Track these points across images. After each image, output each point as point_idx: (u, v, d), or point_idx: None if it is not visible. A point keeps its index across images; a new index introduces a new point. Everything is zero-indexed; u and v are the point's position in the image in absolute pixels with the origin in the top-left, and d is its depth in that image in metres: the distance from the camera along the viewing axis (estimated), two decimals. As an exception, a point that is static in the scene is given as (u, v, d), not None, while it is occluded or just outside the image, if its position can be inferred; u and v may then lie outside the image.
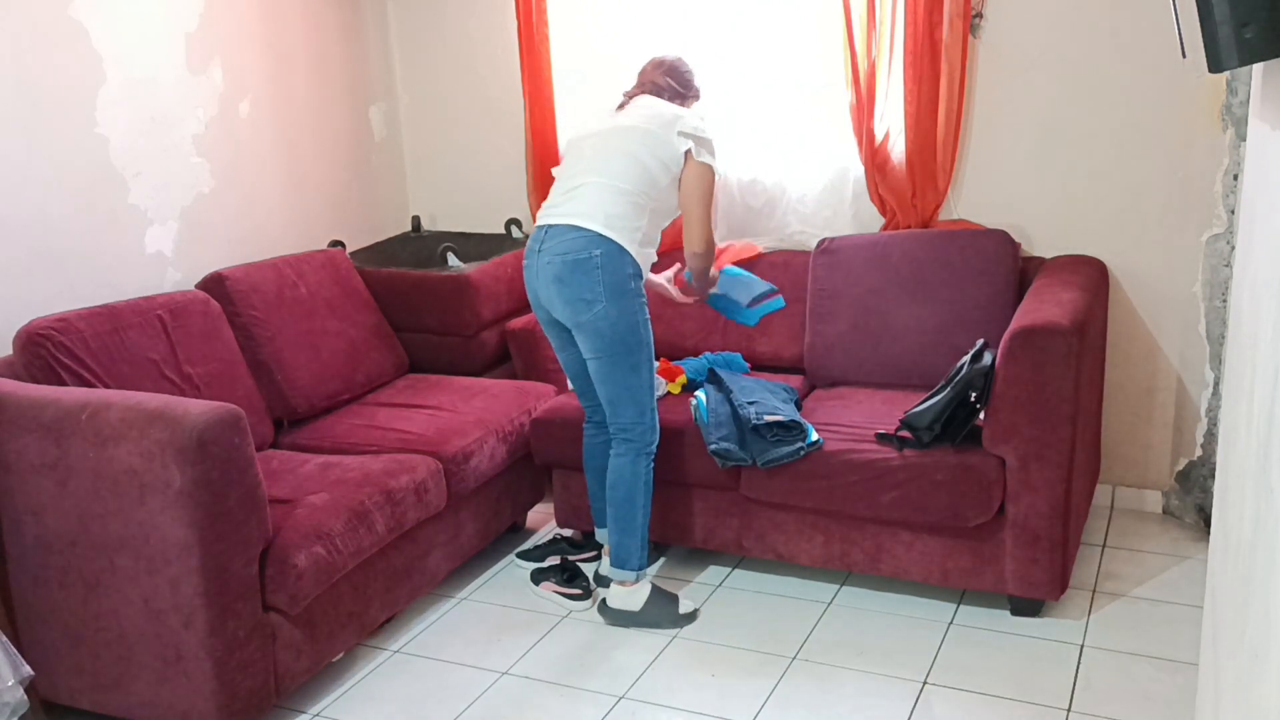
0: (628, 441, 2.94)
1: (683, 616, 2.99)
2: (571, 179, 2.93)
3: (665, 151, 2.88)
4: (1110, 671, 2.68)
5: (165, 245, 3.37)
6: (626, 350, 2.86)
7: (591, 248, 2.80)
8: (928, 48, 3.34)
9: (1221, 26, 1.18)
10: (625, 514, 2.95)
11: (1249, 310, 1.61)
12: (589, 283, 2.80)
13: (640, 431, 2.93)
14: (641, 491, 2.95)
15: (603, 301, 2.81)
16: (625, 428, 2.93)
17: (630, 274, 2.84)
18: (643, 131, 2.90)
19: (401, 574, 2.91)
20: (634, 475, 2.94)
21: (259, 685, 2.47)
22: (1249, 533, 1.35)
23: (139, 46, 3.24)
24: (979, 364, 2.82)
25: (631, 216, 2.85)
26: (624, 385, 2.89)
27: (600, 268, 2.80)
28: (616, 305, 2.82)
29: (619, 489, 2.95)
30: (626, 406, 2.91)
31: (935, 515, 2.82)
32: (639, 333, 2.86)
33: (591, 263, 2.80)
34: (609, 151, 2.91)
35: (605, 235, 2.80)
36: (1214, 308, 3.25)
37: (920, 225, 3.52)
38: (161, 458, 2.29)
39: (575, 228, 2.83)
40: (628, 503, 2.95)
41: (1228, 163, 3.15)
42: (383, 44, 4.24)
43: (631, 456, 2.94)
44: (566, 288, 2.83)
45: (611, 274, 2.80)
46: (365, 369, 3.56)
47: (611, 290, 2.81)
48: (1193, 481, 3.41)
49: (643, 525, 2.96)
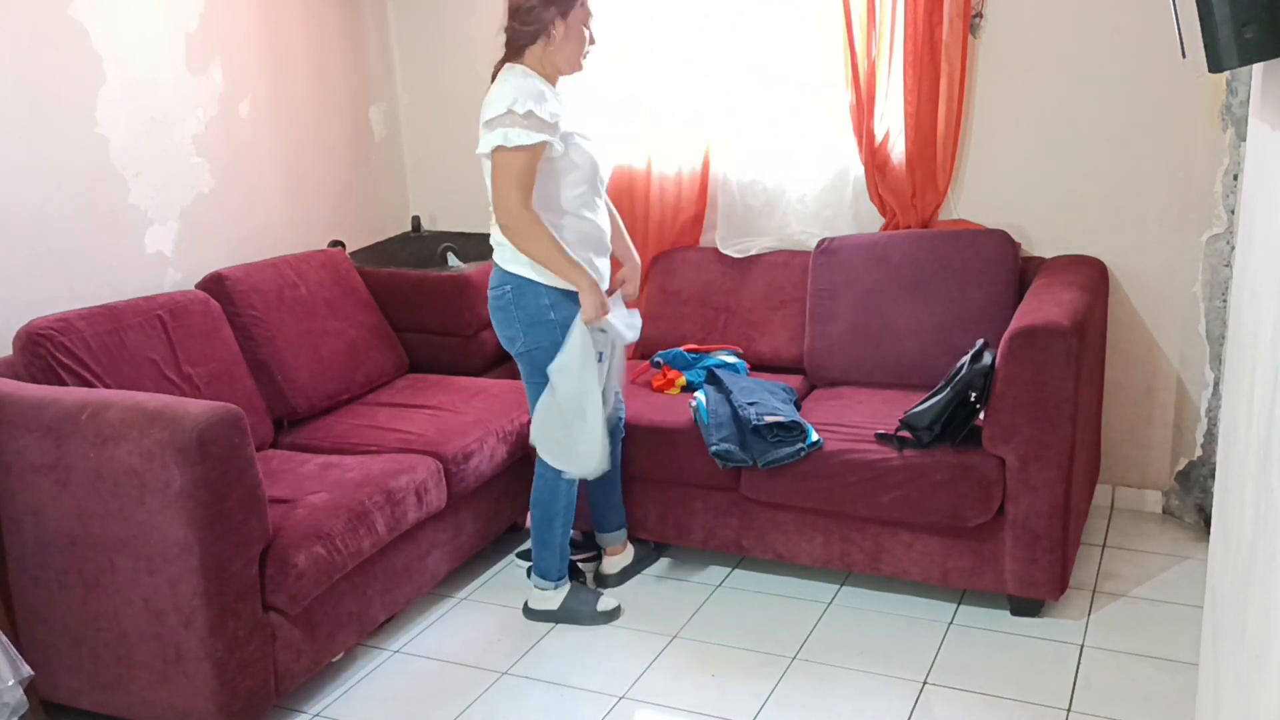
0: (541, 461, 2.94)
1: (601, 614, 3.02)
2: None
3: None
4: (1110, 671, 2.68)
5: (165, 245, 3.37)
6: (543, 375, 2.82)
7: (503, 285, 2.82)
8: (928, 48, 3.34)
9: (1221, 26, 1.18)
10: (544, 531, 2.99)
11: (1249, 310, 1.61)
12: (506, 319, 2.84)
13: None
14: (560, 511, 2.97)
15: (520, 336, 2.82)
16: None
17: (546, 304, 2.77)
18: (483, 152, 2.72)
19: (401, 574, 2.91)
20: (553, 495, 2.96)
21: (259, 685, 2.47)
22: (1249, 533, 1.35)
23: (139, 46, 3.24)
24: (979, 364, 2.82)
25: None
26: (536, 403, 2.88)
27: (513, 304, 2.80)
28: (532, 338, 2.81)
29: (538, 508, 2.99)
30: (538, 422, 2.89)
31: (935, 515, 2.82)
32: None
33: (505, 299, 2.82)
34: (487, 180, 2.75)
35: (510, 271, 2.79)
36: (1214, 308, 3.25)
37: (920, 225, 3.52)
38: (161, 458, 2.29)
39: (495, 267, 2.85)
40: (545, 522, 2.98)
41: (1228, 163, 3.15)
42: (383, 44, 4.24)
43: (551, 477, 2.94)
44: (496, 325, 2.89)
45: (524, 309, 2.79)
46: (365, 369, 3.56)
47: (527, 324, 2.80)
48: (1193, 481, 3.41)
49: (560, 540, 3.00)
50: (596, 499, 3.17)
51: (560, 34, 2.73)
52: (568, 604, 3.01)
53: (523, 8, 2.72)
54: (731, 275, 3.69)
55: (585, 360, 2.75)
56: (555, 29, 2.72)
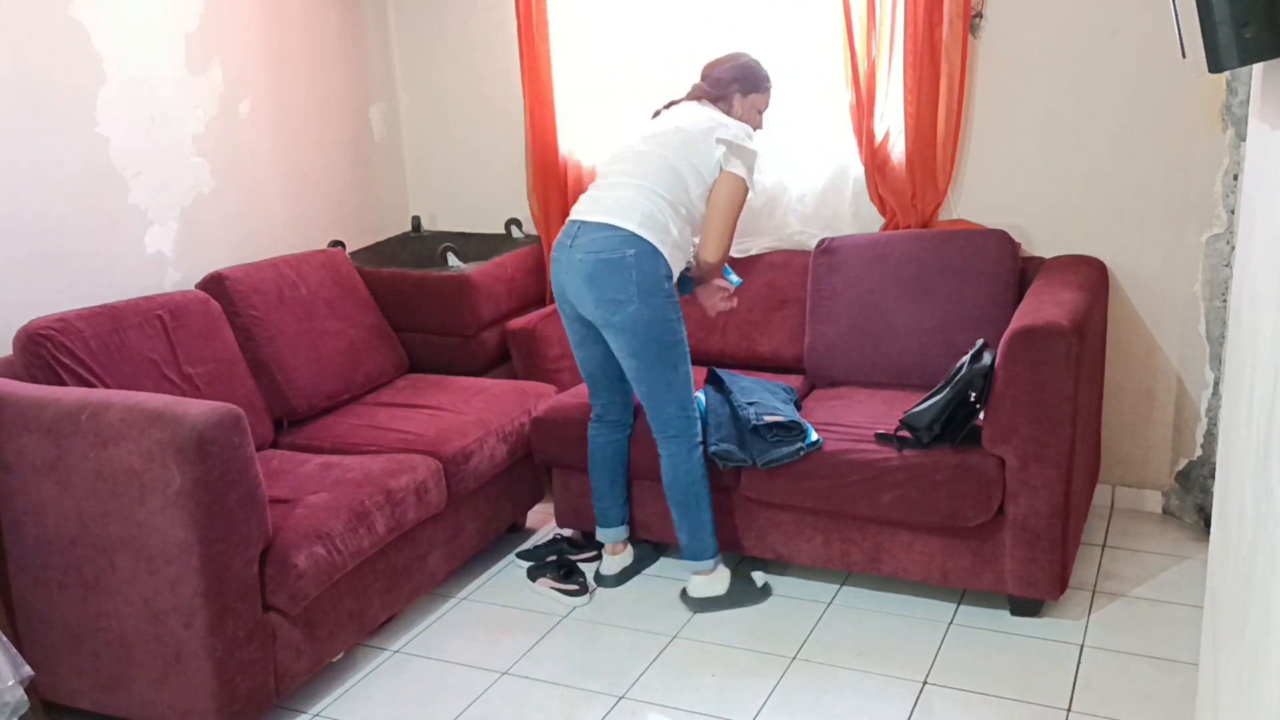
0: (674, 438, 2.94)
1: (761, 590, 3.07)
2: (607, 179, 2.96)
3: (700, 158, 2.89)
4: (1110, 671, 2.68)
5: (165, 245, 3.37)
6: (661, 348, 2.86)
7: (625, 247, 2.80)
8: (928, 48, 3.34)
9: (1221, 26, 1.18)
10: (690, 510, 2.97)
11: (1249, 310, 1.61)
12: (620, 282, 2.80)
13: (684, 424, 2.94)
14: (700, 483, 2.96)
15: (635, 302, 2.80)
16: (668, 423, 2.93)
17: (664, 274, 2.84)
18: (680, 137, 2.92)
19: (401, 574, 2.91)
20: (690, 469, 2.95)
21: (259, 685, 2.47)
22: (1249, 533, 1.35)
23: (139, 46, 3.24)
24: (979, 364, 2.82)
25: (666, 219, 2.85)
26: (663, 382, 2.90)
27: (634, 267, 2.79)
28: (649, 305, 2.81)
29: (677, 487, 2.96)
30: (667, 403, 2.92)
31: (935, 515, 2.82)
32: (674, 330, 2.87)
33: (625, 262, 2.79)
34: (646, 157, 2.92)
35: (639, 235, 2.80)
36: (1214, 308, 3.25)
37: (920, 225, 3.52)
38: (161, 458, 2.29)
39: (609, 226, 2.83)
40: (691, 499, 2.96)
41: (1228, 163, 3.15)
42: (383, 44, 4.24)
43: (684, 452, 2.94)
44: (597, 287, 2.83)
45: (644, 274, 2.80)
46: (365, 369, 3.56)
47: (644, 290, 2.80)
48: (1193, 481, 3.41)
49: (709, 515, 2.98)
50: (602, 492, 3.17)
51: (738, 107, 3.06)
52: (734, 591, 3.03)
53: (713, 74, 3.08)
54: (731, 275, 3.69)
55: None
56: (734, 102, 3.06)
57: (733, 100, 3.06)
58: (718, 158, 2.89)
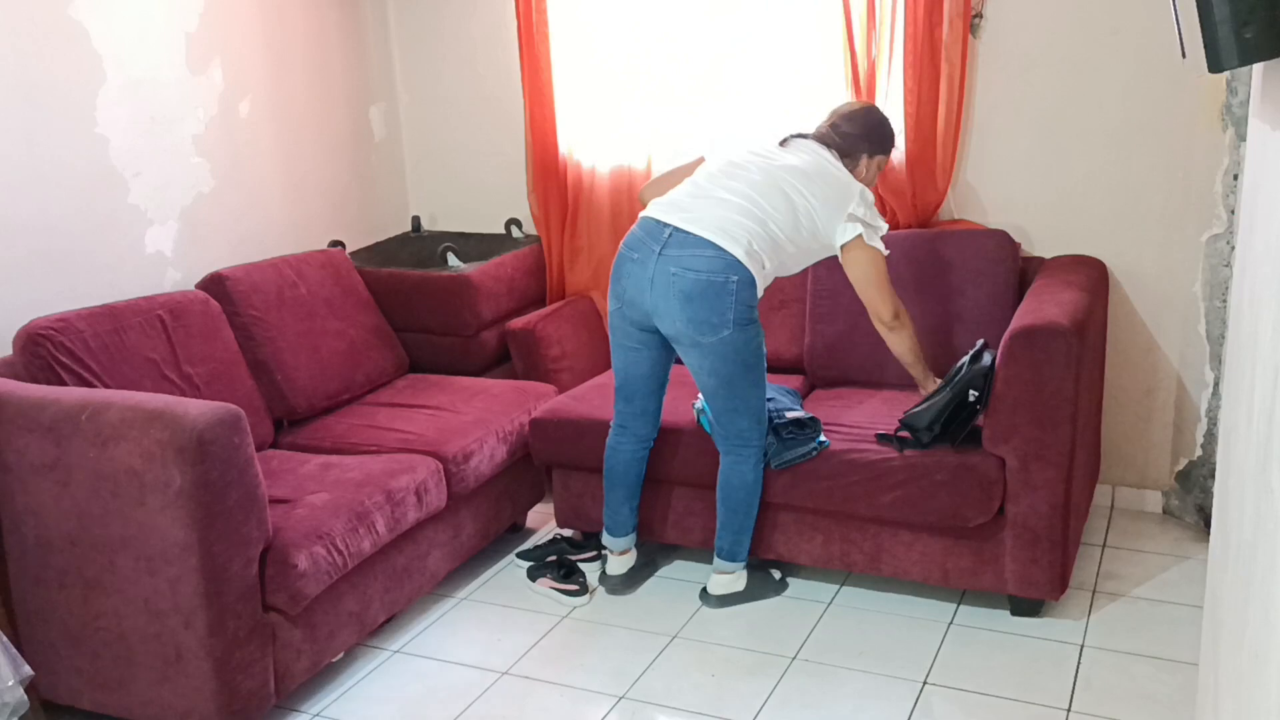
0: (745, 448, 2.94)
1: (778, 583, 3.11)
2: (718, 189, 2.85)
3: (823, 222, 2.84)
4: (1110, 671, 2.68)
5: (165, 245, 3.37)
6: (746, 369, 2.86)
7: (730, 273, 2.75)
8: (928, 48, 3.34)
9: (1221, 26, 1.18)
10: (740, 517, 2.99)
11: (1249, 310, 1.61)
12: (720, 308, 2.76)
13: (757, 437, 2.94)
14: (756, 494, 2.98)
15: (730, 328, 2.78)
16: (741, 435, 2.93)
17: (753, 305, 2.82)
18: (812, 189, 2.83)
19: (401, 574, 2.91)
20: (755, 480, 2.96)
21: (259, 685, 2.47)
22: (1249, 533, 1.35)
23: (139, 46, 3.24)
24: (979, 364, 2.82)
25: (768, 255, 2.81)
26: (744, 400, 2.90)
27: (734, 295, 2.76)
28: (743, 332, 2.80)
29: (738, 493, 2.96)
30: (744, 418, 2.91)
31: (935, 515, 2.82)
32: (759, 351, 2.88)
33: (727, 288, 2.75)
34: (770, 186, 2.83)
35: (744, 264, 2.76)
36: (1214, 308, 3.25)
37: (920, 225, 3.52)
38: (161, 458, 2.29)
39: (714, 245, 2.75)
40: (746, 506, 2.98)
41: (1228, 163, 3.15)
42: (383, 44, 4.24)
43: (752, 462, 2.94)
44: (693, 307, 2.77)
45: (742, 302, 2.78)
46: (365, 369, 3.56)
47: (739, 318, 2.78)
48: (1193, 481, 3.41)
49: (753, 524, 3.02)
50: (617, 505, 3.15)
51: (861, 168, 2.99)
52: (751, 582, 3.06)
53: (844, 128, 2.97)
54: (731, 275, 3.69)
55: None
56: (861, 161, 2.99)
57: (860, 159, 2.98)
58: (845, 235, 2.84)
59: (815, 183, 2.86)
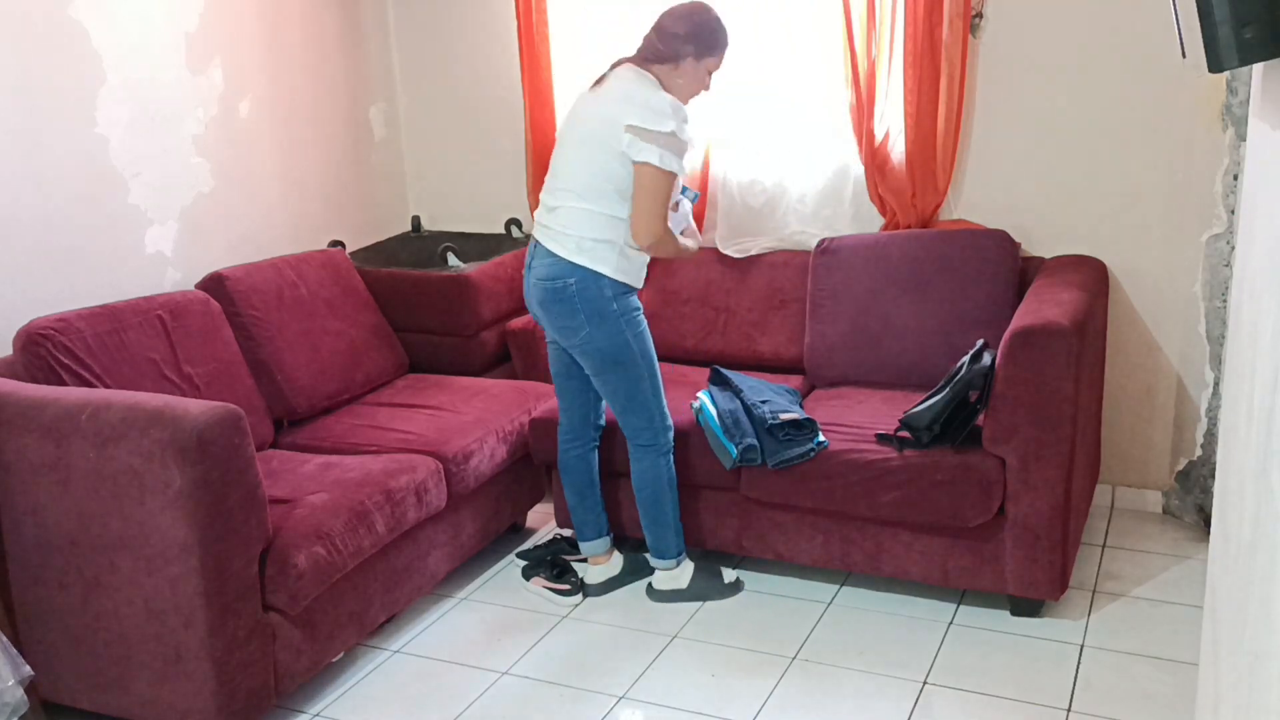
0: (643, 447, 2.98)
1: (728, 586, 3.10)
2: (551, 194, 2.89)
3: (620, 157, 2.77)
4: (1110, 671, 2.68)
5: (165, 245, 3.37)
6: (619, 366, 2.88)
7: (566, 276, 2.81)
8: (928, 48, 3.34)
9: (1221, 26, 1.18)
10: (654, 512, 3.03)
11: (1249, 310, 1.61)
12: (568, 310, 2.83)
13: (651, 435, 2.96)
14: (666, 489, 3.01)
15: (586, 328, 2.83)
16: (637, 434, 2.98)
17: (609, 296, 2.82)
18: (599, 139, 2.79)
19: (401, 574, 2.91)
20: (656, 477, 3.00)
21: (259, 685, 2.47)
22: (1249, 533, 1.35)
23: (139, 46, 3.24)
24: (979, 364, 2.82)
25: (608, 234, 2.81)
26: (625, 397, 2.93)
27: (576, 296, 2.81)
28: (600, 329, 2.83)
29: (645, 491, 3.02)
30: (632, 416, 2.96)
31: (935, 515, 2.82)
32: (630, 348, 2.87)
33: (567, 292, 2.82)
34: (577, 164, 2.84)
35: (578, 263, 2.80)
36: (1214, 308, 3.25)
37: (920, 225, 3.52)
38: (161, 458, 2.29)
39: (551, 253, 2.84)
40: (656, 502, 3.02)
41: (1228, 163, 3.15)
42: (383, 44, 4.24)
43: (651, 460, 2.98)
44: (549, 314, 2.89)
45: (588, 301, 2.81)
46: (365, 369, 3.56)
47: (591, 316, 2.82)
48: (1193, 481, 3.41)
49: (673, 517, 3.04)
50: (574, 506, 3.16)
51: (689, 70, 2.87)
52: (695, 584, 3.07)
53: (667, 30, 2.86)
54: (731, 275, 3.69)
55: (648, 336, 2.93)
56: (685, 64, 2.85)
57: (684, 62, 2.84)
58: (622, 148, 2.74)
59: (602, 130, 2.78)
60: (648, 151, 2.74)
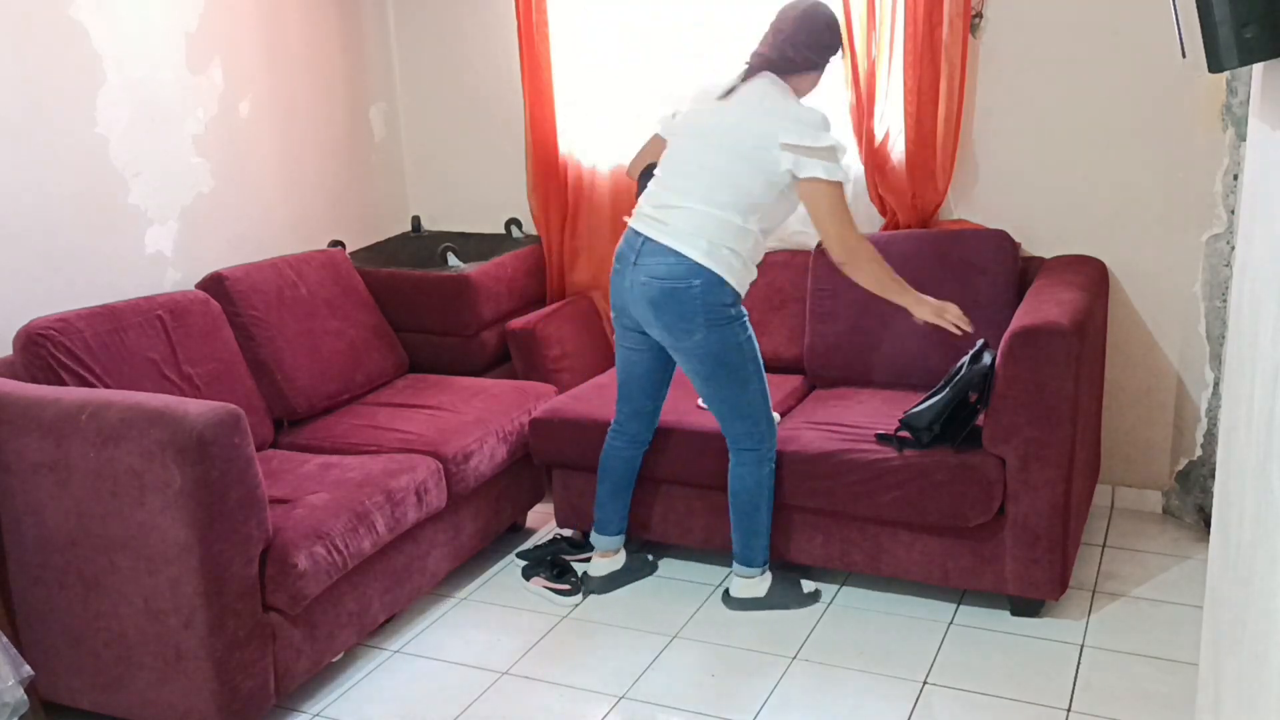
0: (745, 452, 2.93)
1: (807, 596, 3.05)
2: (673, 193, 2.80)
3: (768, 172, 2.74)
4: (1110, 671, 2.68)
5: (165, 245, 3.37)
6: (729, 370, 2.84)
7: (691, 277, 2.73)
8: (928, 48, 3.34)
9: (1221, 26, 1.18)
10: (749, 520, 2.97)
11: (1249, 310, 1.61)
12: (687, 312, 2.76)
13: (755, 441, 2.92)
14: (764, 498, 2.95)
15: (702, 331, 2.77)
16: (739, 439, 2.92)
17: (729, 303, 2.79)
18: (742, 151, 2.74)
19: (401, 574, 2.91)
20: (756, 484, 2.94)
21: (259, 685, 2.47)
22: (1249, 533, 1.35)
23: (139, 46, 3.24)
24: (978, 364, 2.82)
25: (736, 244, 2.77)
26: (731, 403, 2.89)
27: (700, 299, 2.75)
28: (716, 333, 2.78)
29: (741, 497, 2.95)
30: (736, 421, 2.91)
31: (935, 515, 2.82)
32: (744, 351, 2.84)
33: (690, 293, 2.74)
34: (713, 171, 2.76)
35: (705, 266, 2.73)
36: (1214, 308, 3.25)
37: (920, 225, 3.52)
38: (161, 458, 2.29)
39: (674, 252, 2.74)
40: (752, 510, 2.96)
41: (1228, 163, 3.15)
42: (383, 44, 4.24)
43: (752, 466, 2.93)
44: (663, 313, 2.78)
45: (710, 305, 2.76)
46: (365, 369, 3.56)
47: (710, 320, 2.77)
48: (1193, 481, 3.41)
49: (767, 526, 2.98)
50: (604, 501, 3.15)
51: (818, 77, 2.89)
52: (774, 590, 3.03)
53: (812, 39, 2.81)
54: (731, 275, 3.69)
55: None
56: (819, 72, 2.88)
57: (818, 71, 2.86)
58: (786, 168, 2.72)
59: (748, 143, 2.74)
60: (812, 167, 2.72)
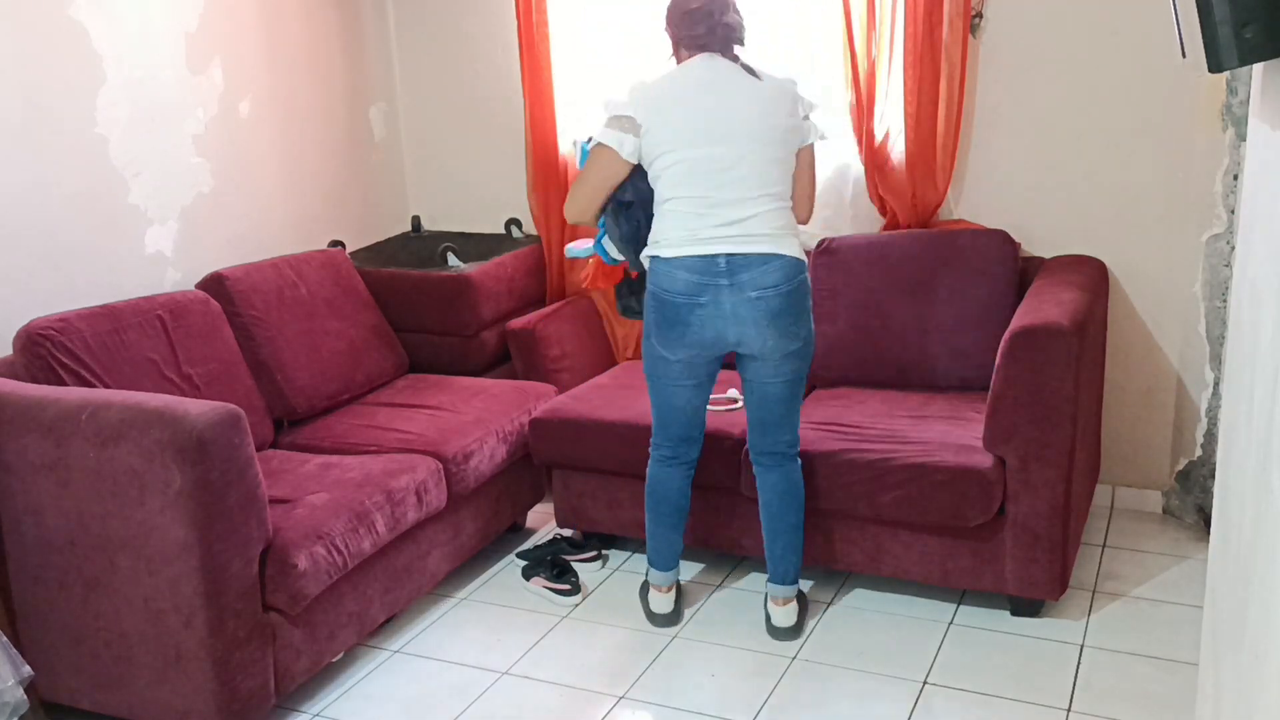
0: (795, 458, 2.86)
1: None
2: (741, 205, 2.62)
3: (795, 146, 2.71)
4: (1110, 671, 2.68)
5: (165, 245, 3.37)
6: (809, 364, 2.81)
7: (801, 273, 2.68)
8: (928, 48, 3.34)
9: (1221, 26, 1.18)
10: (801, 531, 2.87)
11: (1249, 310, 1.61)
12: (802, 309, 2.69)
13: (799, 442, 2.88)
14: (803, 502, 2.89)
15: (808, 324, 2.74)
16: (793, 445, 2.85)
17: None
18: (781, 136, 2.66)
19: (401, 574, 2.91)
20: (802, 488, 2.87)
21: (259, 685, 2.47)
22: (1249, 533, 1.35)
23: (139, 46, 3.24)
24: None
25: (796, 227, 2.74)
26: (798, 402, 2.84)
27: (809, 290, 2.73)
28: (810, 325, 2.76)
29: (795, 501, 2.84)
30: (795, 422, 2.85)
31: (935, 515, 2.82)
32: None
33: (804, 288, 2.69)
34: (770, 165, 2.65)
35: (799, 258, 2.68)
36: (1214, 308, 3.25)
37: (920, 225, 3.52)
38: (161, 458, 2.29)
39: (777, 255, 2.62)
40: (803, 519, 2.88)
41: (1228, 163, 3.15)
42: (383, 44, 4.24)
43: (798, 469, 2.86)
44: (780, 319, 2.64)
45: (809, 294, 2.74)
46: (365, 369, 3.56)
47: (810, 310, 2.75)
48: (1193, 481, 3.41)
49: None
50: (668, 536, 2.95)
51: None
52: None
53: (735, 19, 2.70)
54: (731, 275, 3.69)
55: None
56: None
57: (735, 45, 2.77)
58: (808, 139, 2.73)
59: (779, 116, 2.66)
60: (815, 130, 2.75)
